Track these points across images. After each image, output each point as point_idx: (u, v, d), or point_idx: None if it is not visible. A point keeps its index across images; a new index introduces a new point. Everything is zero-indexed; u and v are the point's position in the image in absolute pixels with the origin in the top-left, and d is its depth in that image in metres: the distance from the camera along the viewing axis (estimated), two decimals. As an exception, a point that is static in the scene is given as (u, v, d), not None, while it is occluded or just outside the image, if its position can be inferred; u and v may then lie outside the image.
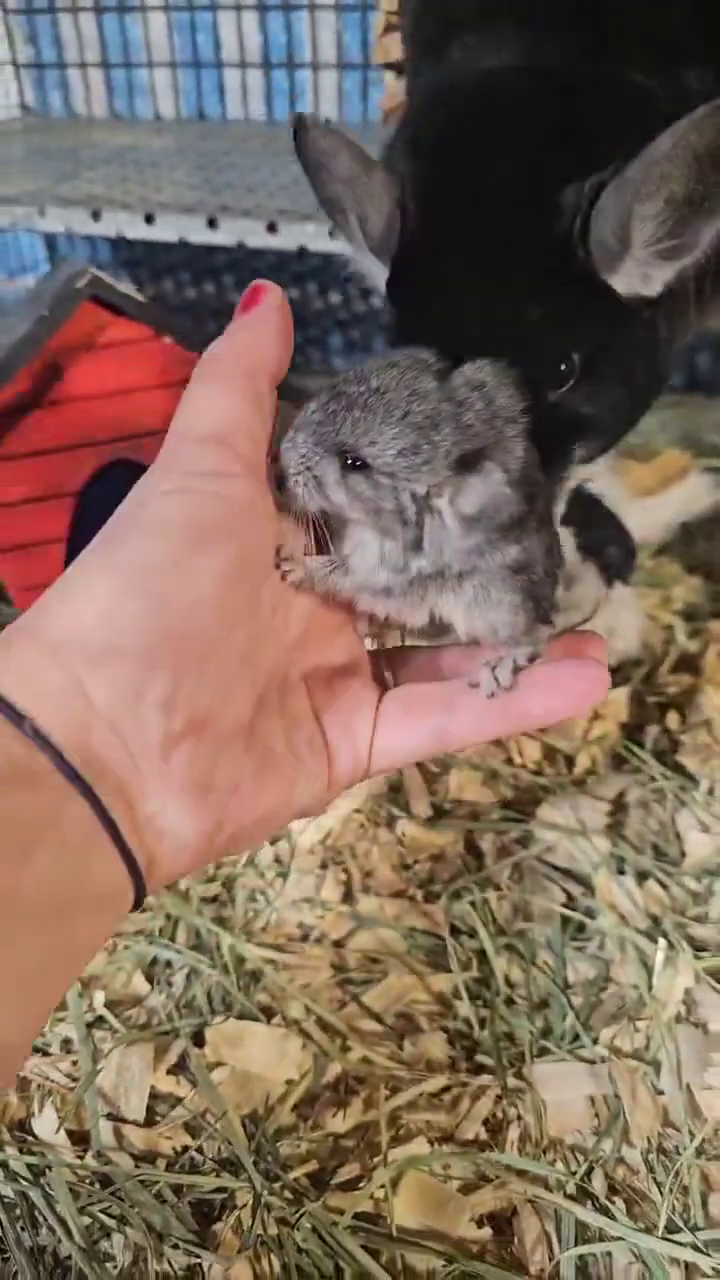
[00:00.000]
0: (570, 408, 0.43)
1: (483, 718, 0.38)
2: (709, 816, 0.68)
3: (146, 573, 0.33)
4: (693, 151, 0.39)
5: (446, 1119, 0.55)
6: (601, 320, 0.43)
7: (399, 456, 0.35)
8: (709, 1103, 0.54)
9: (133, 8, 1.15)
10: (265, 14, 1.11)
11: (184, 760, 0.33)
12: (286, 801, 0.37)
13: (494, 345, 0.38)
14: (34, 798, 0.30)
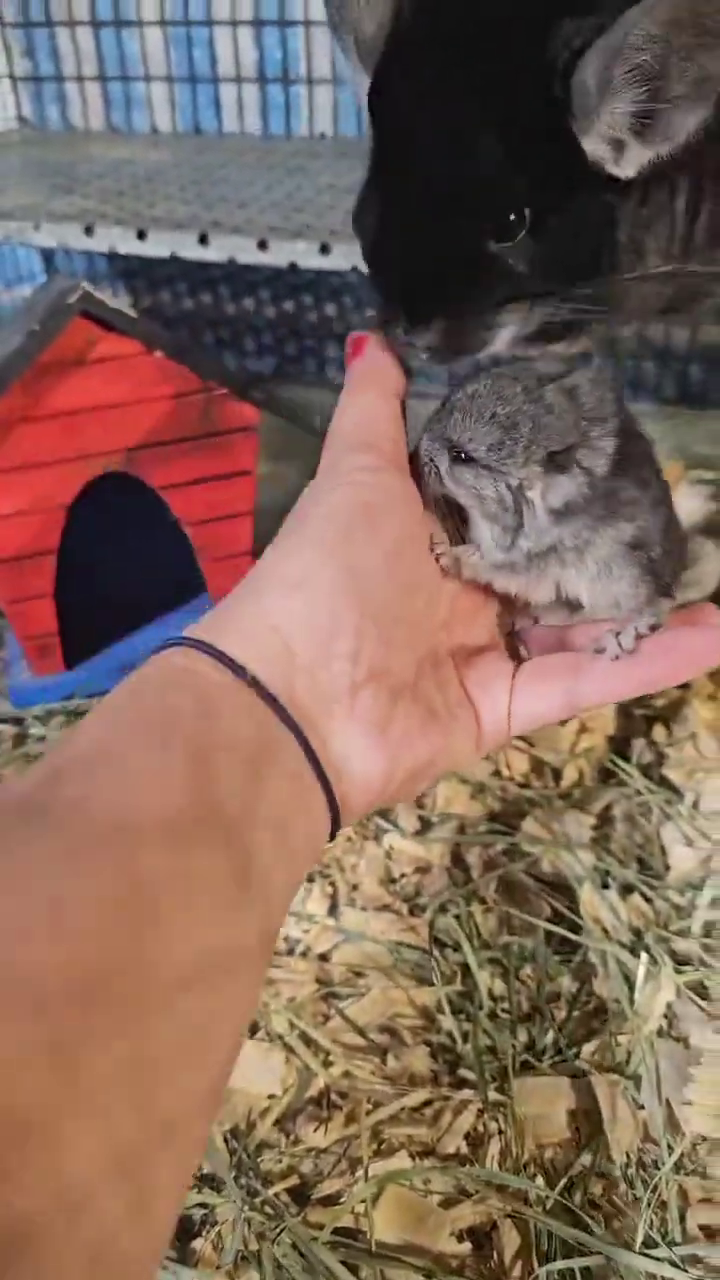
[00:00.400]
0: (506, 262, 0.41)
1: (608, 680, 0.43)
2: (693, 830, 0.69)
3: (330, 547, 0.40)
4: (659, 24, 0.36)
5: (428, 1133, 0.55)
6: (561, 177, 0.41)
7: (489, 451, 0.41)
8: (688, 1117, 0.54)
9: (130, 22, 1.15)
10: (261, 29, 1.12)
11: (367, 702, 0.39)
12: (446, 750, 0.43)
13: (446, 176, 0.40)
14: (261, 733, 0.37)
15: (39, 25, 1.18)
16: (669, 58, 0.37)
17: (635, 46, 0.37)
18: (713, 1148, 0.53)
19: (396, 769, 0.40)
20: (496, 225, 0.40)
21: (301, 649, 0.39)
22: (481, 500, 0.42)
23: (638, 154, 0.40)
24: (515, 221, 0.41)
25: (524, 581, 0.44)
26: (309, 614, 0.39)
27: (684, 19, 0.36)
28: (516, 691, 0.45)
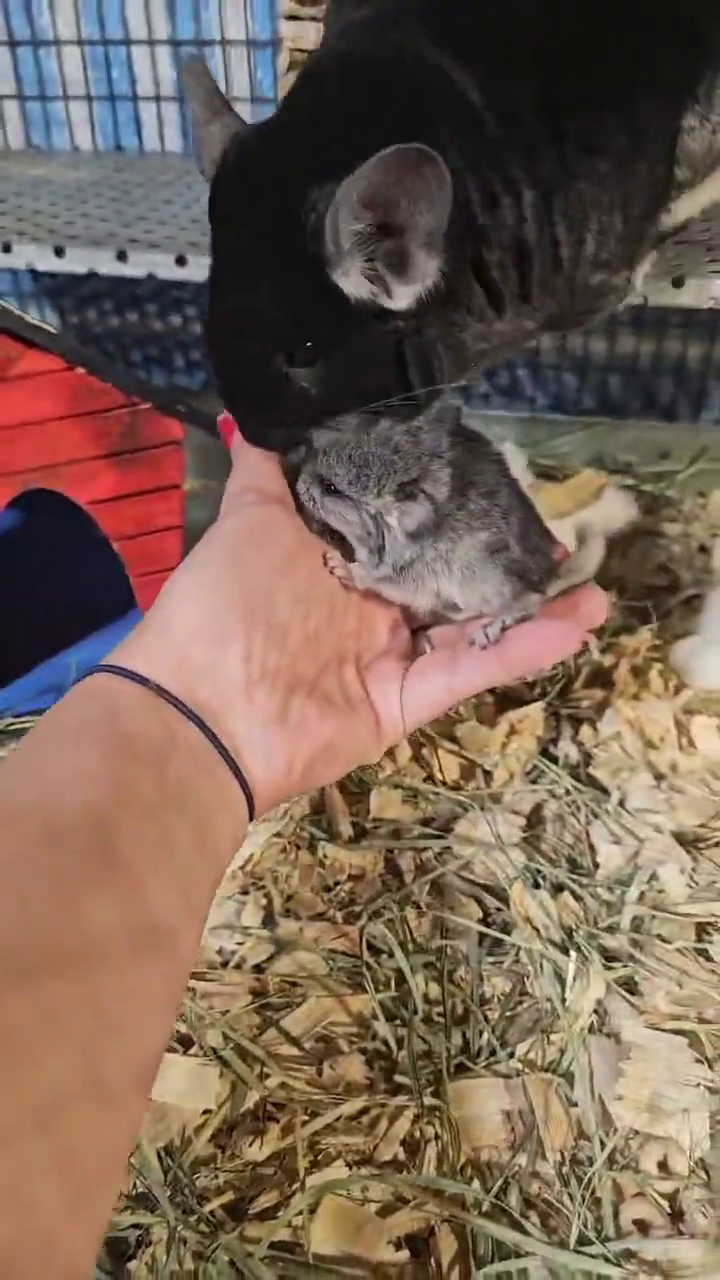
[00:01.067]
0: (299, 384, 0.48)
1: (479, 669, 0.50)
2: (620, 828, 0.70)
3: (219, 566, 0.47)
4: (373, 187, 0.42)
5: (364, 1142, 0.55)
6: (334, 316, 0.46)
7: (349, 485, 0.48)
8: (619, 1113, 0.55)
9: (46, 41, 1.15)
10: (178, 49, 1.12)
11: (264, 696, 0.45)
12: (346, 738, 0.48)
13: (239, 312, 0.48)
14: (167, 729, 0.42)
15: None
16: (388, 215, 0.43)
17: (349, 215, 0.43)
18: (644, 1141, 0.54)
19: (297, 752, 0.46)
20: (288, 353, 0.47)
21: (198, 655, 0.44)
22: (349, 525, 0.49)
23: (402, 291, 0.46)
24: (307, 350, 0.47)
25: (404, 592, 0.51)
26: (202, 624, 0.45)
27: (377, 193, 0.42)
28: (405, 688, 0.51)
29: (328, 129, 0.48)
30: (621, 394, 1.22)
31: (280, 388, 0.48)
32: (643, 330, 1.17)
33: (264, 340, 0.48)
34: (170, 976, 0.40)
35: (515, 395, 1.26)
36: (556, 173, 0.50)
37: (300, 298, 0.47)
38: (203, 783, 0.43)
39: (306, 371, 0.48)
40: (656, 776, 0.74)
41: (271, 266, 0.48)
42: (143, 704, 0.43)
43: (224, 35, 1.10)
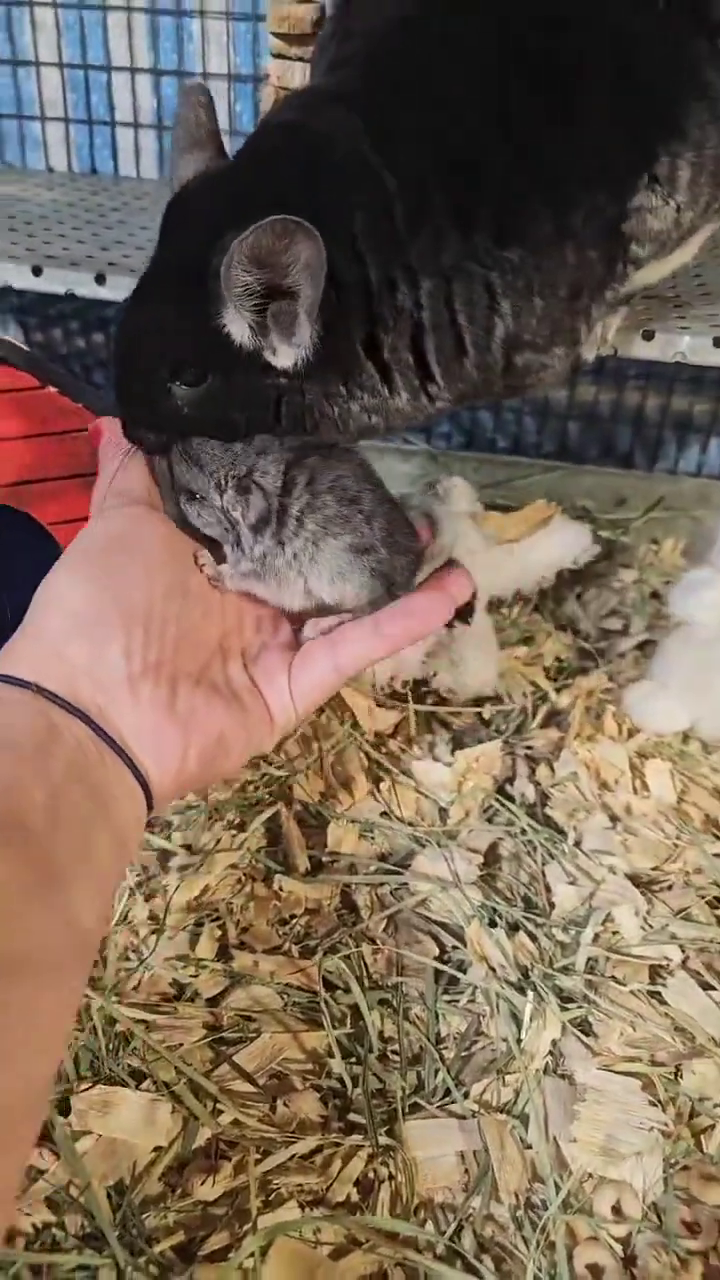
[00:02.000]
0: (177, 401, 0.52)
1: (362, 646, 0.53)
2: (575, 869, 0.71)
3: (88, 569, 0.48)
4: (257, 247, 0.46)
5: (318, 1181, 0.54)
6: (216, 352, 0.51)
7: (199, 487, 0.53)
8: (574, 1155, 0.55)
9: (27, 62, 1.15)
10: (159, 78, 1.13)
11: (148, 689, 0.46)
12: (240, 729, 0.50)
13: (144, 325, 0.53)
14: (49, 725, 0.43)
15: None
16: (276, 277, 0.47)
17: (237, 270, 0.47)
18: (597, 1184, 0.54)
19: (190, 743, 0.47)
20: (177, 371, 0.51)
21: (77, 654, 0.45)
22: (207, 525, 0.53)
23: (285, 350, 0.50)
24: (192, 372, 0.51)
25: (269, 589, 0.55)
26: (78, 624, 0.46)
27: (260, 254, 0.46)
28: (293, 674, 0.53)
29: (256, 185, 0.52)
30: (580, 440, 1.25)
31: (161, 399, 0.52)
32: (603, 380, 1.20)
33: (158, 353, 0.52)
34: (77, 991, 0.41)
35: (475, 436, 1.28)
36: (460, 261, 0.53)
37: (195, 326, 0.51)
38: (96, 777, 0.44)
39: (187, 391, 0.52)
40: (611, 818, 0.75)
41: (181, 292, 0.51)
42: (22, 707, 0.44)
43: (205, 68, 1.11)
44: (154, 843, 0.72)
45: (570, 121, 0.56)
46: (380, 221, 0.51)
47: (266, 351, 0.51)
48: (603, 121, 0.57)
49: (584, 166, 0.57)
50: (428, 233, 0.52)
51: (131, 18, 1.11)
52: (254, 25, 1.08)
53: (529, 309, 0.56)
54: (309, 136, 0.53)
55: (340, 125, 0.53)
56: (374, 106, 0.54)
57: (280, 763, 0.79)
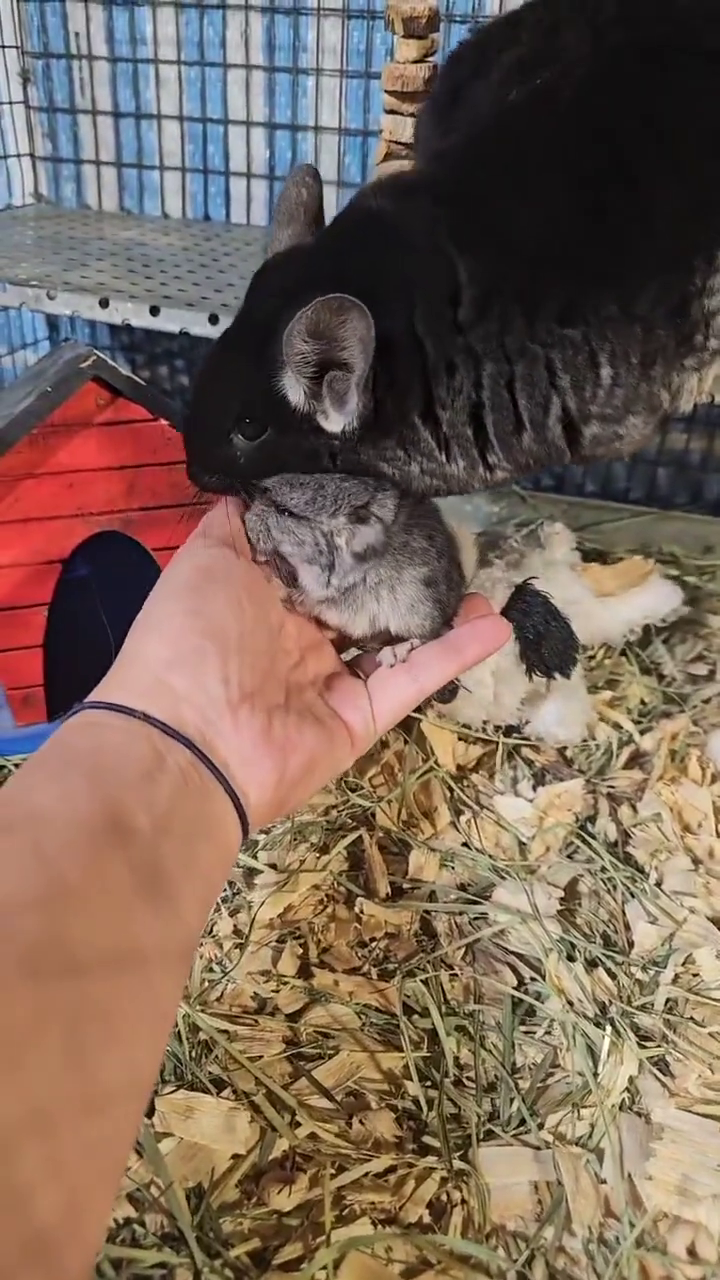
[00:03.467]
0: (235, 450, 0.56)
1: (440, 666, 0.58)
2: (656, 909, 0.70)
3: (180, 600, 0.51)
4: (313, 321, 0.50)
5: (391, 1200, 0.55)
6: (275, 410, 0.55)
7: (306, 505, 0.55)
8: (649, 1193, 0.55)
9: (150, 115, 1.22)
10: (273, 132, 1.19)
11: (248, 715, 0.48)
12: (327, 751, 0.53)
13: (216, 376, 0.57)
14: (154, 751, 0.45)
15: (63, 111, 1.24)
16: (333, 350, 0.51)
17: (295, 339, 0.51)
18: (673, 1224, 0.54)
19: (286, 765, 0.49)
20: (237, 425, 0.56)
21: (178, 683, 0.47)
22: (301, 547, 0.55)
23: (335, 417, 0.54)
24: (251, 425, 0.56)
25: (343, 615, 0.58)
26: (176, 653, 0.48)
27: (317, 326, 0.50)
28: (374, 694, 0.57)
29: (326, 263, 0.56)
30: (670, 486, 1.26)
31: (222, 446, 0.57)
32: (694, 427, 1.21)
33: (223, 404, 0.56)
34: (180, 987, 0.43)
35: (565, 479, 1.29)
36: (523, 343, 0.56)
37: (258, 385, 0.55)
38: (198, 801, 0.45)
39: (245, 443, 0.56)
40: (694, 860, 0.75)
41: (249, 352, 0.56)
42: (127, 732, 0.45)
43: (317, 121, 1.16)
44: (241, 860, 0.75)
45: (640, 208, 0.58)
46: (443, 306, 0.54)
47: (319, 415, 0.54)
48: (672, 207, 0.59)
49: (652, 250, 0.58)
50: (493, 317, 0.55)
51: (250, 74, 1.17)
52: (365, 82, 1.13)
53: (593, 380, 0.58)
54: (385, 221, 0.57)
55: (420, 214, 0.57)
56: (458, 198, 0.57)
57: (365, 792, 0.80)
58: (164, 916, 0.41)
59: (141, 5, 1.16)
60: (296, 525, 0.56)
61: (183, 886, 0.42)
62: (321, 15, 1.11)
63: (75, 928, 0.37)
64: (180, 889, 0.42)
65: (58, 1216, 0.31)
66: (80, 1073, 0.34)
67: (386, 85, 0.86)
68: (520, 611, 0.79)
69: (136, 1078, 0.38)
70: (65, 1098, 0.33)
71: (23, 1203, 0.30)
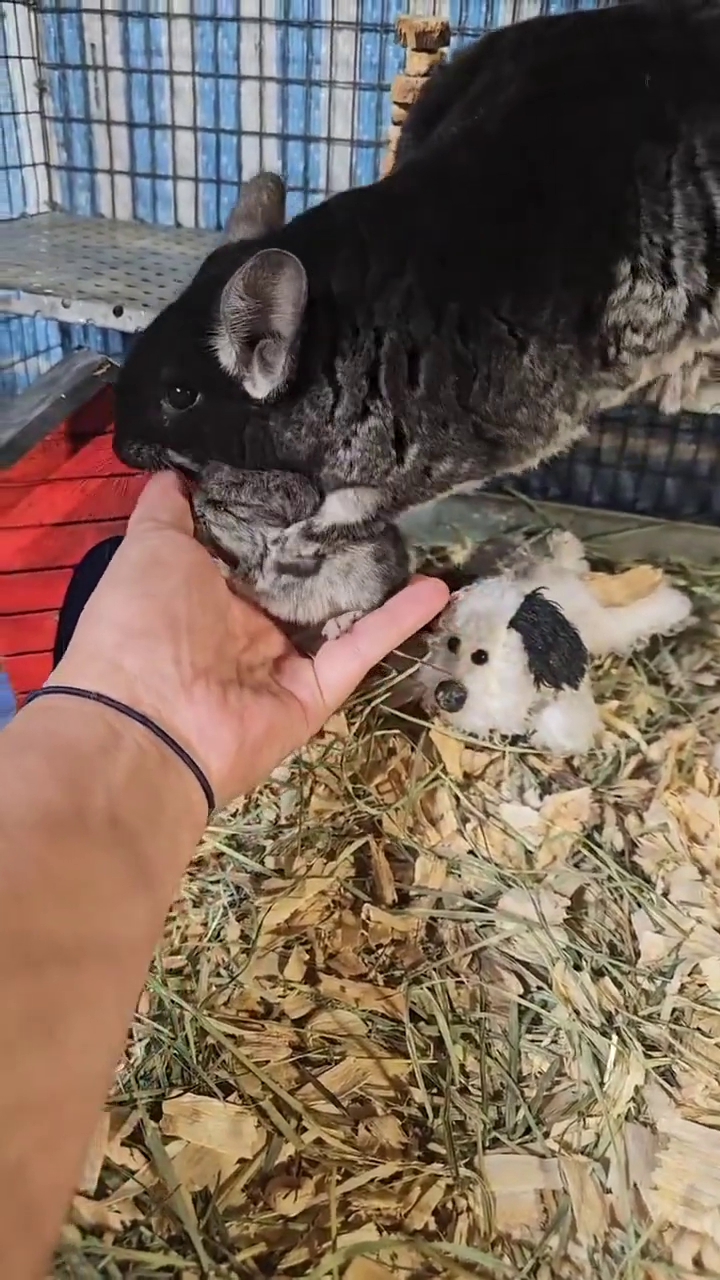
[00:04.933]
0: (161, 419, 0.61)
1: (382, 633, 0.62)
2: (663, 918, 0.71)
3: (130, 583, 0.52)
4: (251, 276, 0.54)
5: (396, 1207, 0.55)
6: (200, 373, 0.59)
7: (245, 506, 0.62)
8: (655, 1203, 0.55)
9: (164, 125, 1.23)
10: (286, 142, 1.20)
11: (203, 690, 0.50)
12: (283, 718, 0.55)
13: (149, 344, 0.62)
14: (110, 729, 0.46)
15: (78, 121, 1.25)
16: (266, 310, 0.56)
17: (233, 296, 0.56)
18: (679, 1235, 0.54)
19: (245, 732, 0.51)
20: (168, 391, 0.60)
21: (131, 664, 0.49)
22: (239, 541, 0.61)
23: (263, 383, 0.59)
24: (181, 395, 0.60)
25: (292, 605, 0.63)
26: (128, 637, 0.50)
27: (254, 284, 0.55)
28: (319, 670, 0.60)
29: (273, 243, 0.59)
30: (677, 497, 1.26)
31: (150, 412, 0.60)
32: (703, 438, 1.21)
33: (155, 371, 0.60)
34: (145, 962, 0.44)
35: (572, 490, 1.30)
36: (428, 335, 0.61)
37: (191, 350, 0.59)
38: (158, 776, 0.46)
39: (173, 410, 0.60)
40: (700, 871, 0.75)
41: (184, 320, 0.60)
42: (83, 713, 0.46)
43: (330, 133, 1.17)
44: (248, 865, 0.75)
45: (544, 225, 0.63)
46: (357, 274, 0.60)
47: (246, 381, 0.59)
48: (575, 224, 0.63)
49: (553, 264, 0.62)
50: (396, 293, 0.60)
51: (264, 86, 1.18)
52: (378, 94, 1.14)
53: (484, 388, 0.62)
54: (325, 216, 0.65)
55: (359, 210, 0.64)
56: (393, 200, 0.65)
57: (373, 799, 0.80)
58: (128, 890, 0.42)
59: (157, 18, 1.17)
60: (237, 525, 0.61)
61: (147, 859, 0.43)
62: (335, 28, 1.12)
63: (37, 910, 0.37)
64: (145, 862, 0.43)
65: (44, 1190, 0.32)
66: (53, 1052, 0.35)
67: (396, 97, 0.86)
68: (529, 621, 0.79)
69: (106, 1053, 0.39)
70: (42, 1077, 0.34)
71: (14, 1180, 0.31)
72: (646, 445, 1.24)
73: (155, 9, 1.17)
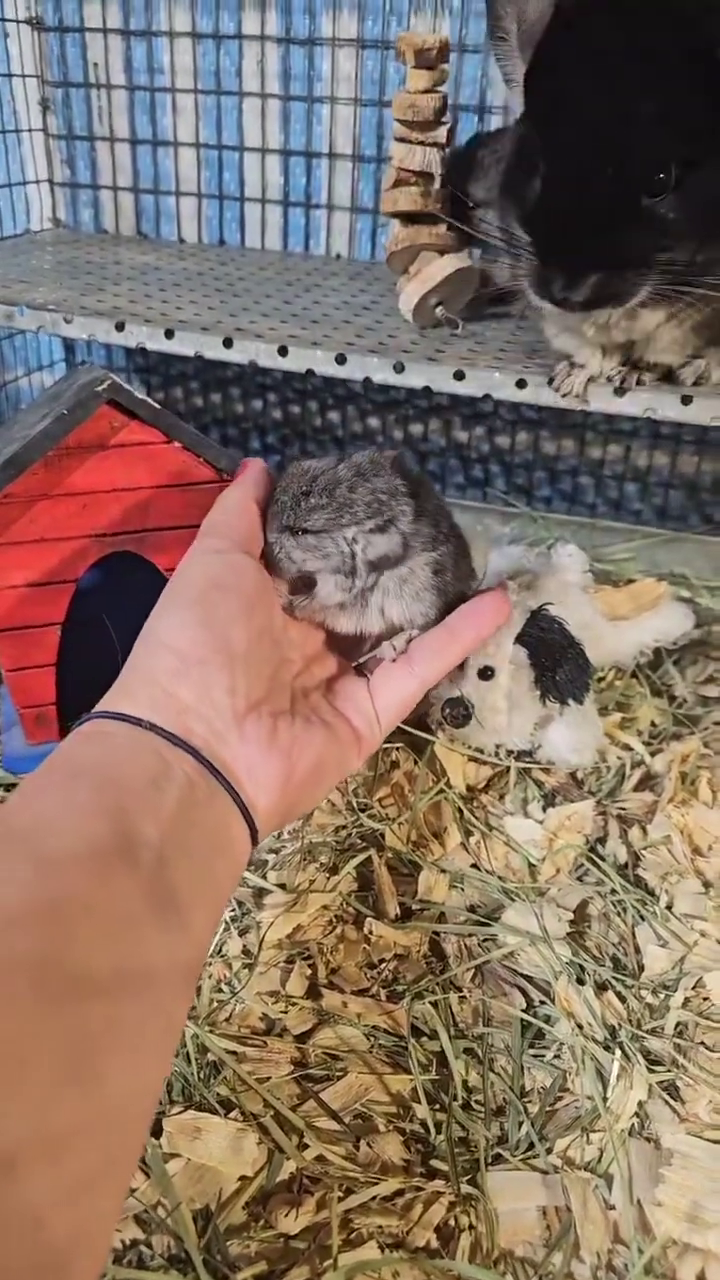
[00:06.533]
0: (659, 214, 0.48)
1: (440, 654, 0.60)
2: (666, 932, 0.70)
3: (189, 609, 0.51)
4: None
5: (398, 1224, 0.55)
6: (706, 132, 0.47)
7: (327, 523, 0.58)
8: (659, 1219, 0.54)
9: (166, 142, 1.24)
10: (289, 158, 1.21)
11: (254, 723, 0.49)
12: (333, 752, 0.54)
13: (609, 138, 0.47)
14: (160, 760, 0.45)
15: (81, 138, 1.26)
16: None
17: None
18: (683, 1251, 0.54)
19: (293, 768, 0.50)
20: (651, 182, 0.47)
21: (185, 694, 0.48)
22: (327, 558, 0.58)
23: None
24: (664, 179, 0.48)
25: (355, 617, 0.61)
26: (184, 664, 0.49)
27: None
28: (375, 693, 0.58)
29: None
30: (681, 508, 1.26)
31: (637, 223, 0.48)
32: (705, 449, 1.21)
33: (630, 169, 0.47)
34: (188, 1004, 0.43)
35: (576, 501, 1.30)
36: None
37: (682, 116, 0.46)
38: (204, 810, 0.45)
39: (664, 200, 0.47)
40: (704, 884, 0.74)
41: (652, 87, 0.47)
42: (135, 742, 0.46)
43: (332, 149, 1.18)
44: (250, 880, 0.75)
45: None
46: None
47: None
48: None
49: None
50: None
51: (266, 103, 1.19)
52: (379, 110, 1.14)
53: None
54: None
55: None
56: None
57: (375, 812, 0.80)
58: (170, 926, 0.41)
59: (159, 36, 1.18)
60: (319, 540, 0.58)
61: (190, 895, 0.42)
62: (336, 45, 1.13)
63: (78, 942, 0.36)
64: (187, 897, 0.42)
65: (67, 1237, 0.31)
66: (87, 1091, 0.34)
67: (397, 114, 0.87)
68: (535, 637, 0.79)
69: (143, 1095, 0.38)
70: (72, 1117, 0.33)
71: (34, 1224, 0.30)
72: (650, 457, 1.24)
73: (157, 27, 1.18)
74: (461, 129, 1.08)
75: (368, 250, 1.21)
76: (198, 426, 1.39)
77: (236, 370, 1.32)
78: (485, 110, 1.09)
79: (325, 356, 0.84)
